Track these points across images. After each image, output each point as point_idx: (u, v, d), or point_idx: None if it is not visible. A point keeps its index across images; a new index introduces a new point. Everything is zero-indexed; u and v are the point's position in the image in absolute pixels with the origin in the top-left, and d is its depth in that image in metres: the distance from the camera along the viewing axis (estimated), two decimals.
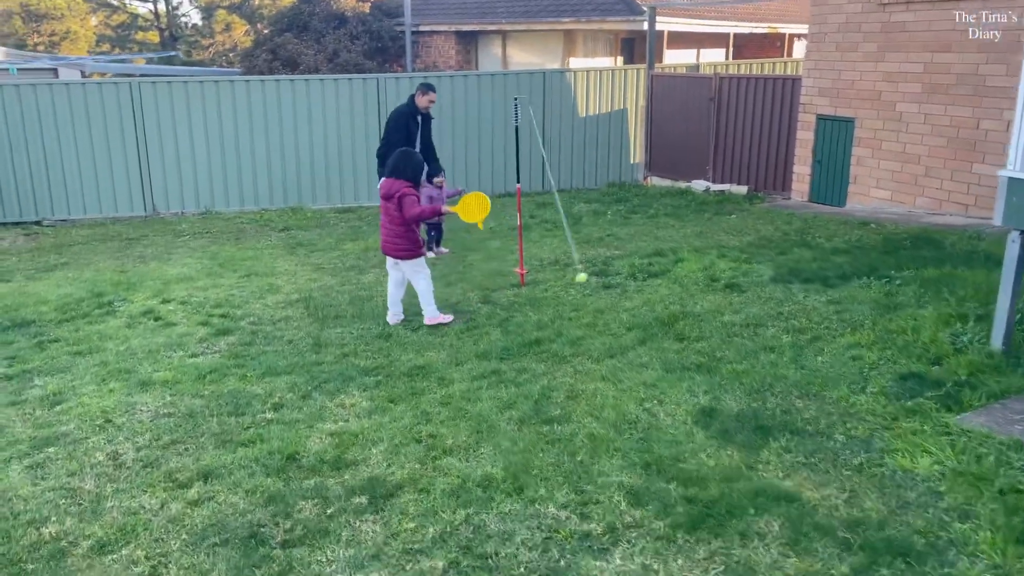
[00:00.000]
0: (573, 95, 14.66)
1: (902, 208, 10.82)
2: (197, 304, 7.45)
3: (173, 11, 43.24)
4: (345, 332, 6.40)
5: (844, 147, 11.61)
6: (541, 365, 5.41)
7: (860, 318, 5.92)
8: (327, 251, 9.88)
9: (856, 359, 5.12)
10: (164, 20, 42.70)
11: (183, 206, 13.29)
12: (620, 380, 5.04)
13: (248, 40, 32.22)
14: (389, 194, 6.37)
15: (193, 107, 13.01)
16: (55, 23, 41.70)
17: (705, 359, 5.34)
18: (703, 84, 13.73)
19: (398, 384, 5.18)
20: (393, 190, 6.33)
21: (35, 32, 41.13)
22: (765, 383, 4.86)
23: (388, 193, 6.39)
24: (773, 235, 9.45)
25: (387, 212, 6.44)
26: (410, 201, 6.29)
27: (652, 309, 6.59)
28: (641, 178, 15.14)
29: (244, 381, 5.36)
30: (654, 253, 8.65)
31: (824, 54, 11.68)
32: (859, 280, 6.97)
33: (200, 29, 45.08)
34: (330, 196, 13.85)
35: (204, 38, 44.55)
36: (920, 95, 10.45)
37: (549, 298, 7.14)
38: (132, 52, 41.39)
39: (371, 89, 13.68)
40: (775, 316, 6.18)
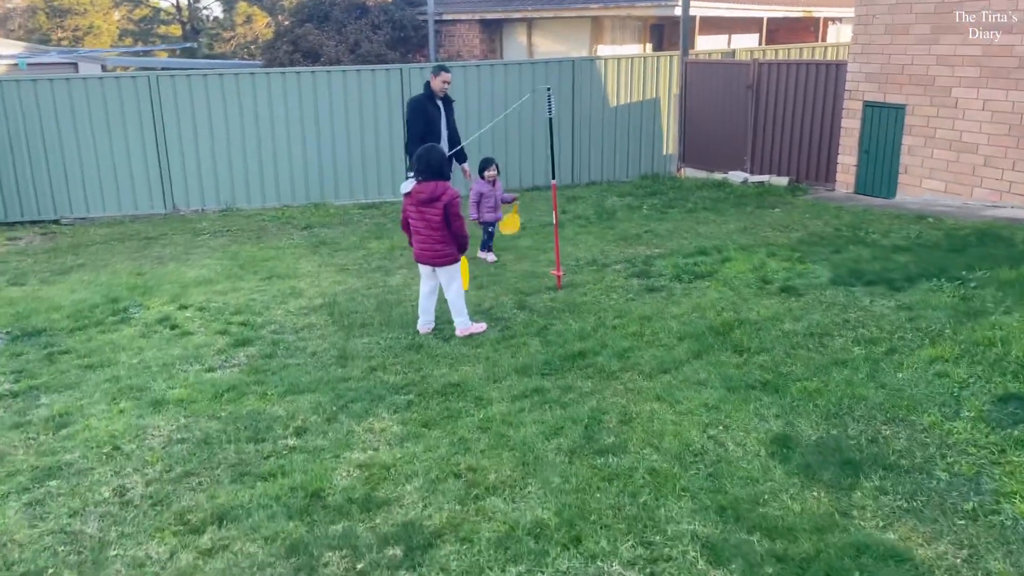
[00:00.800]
0: (603, 84, 14.09)
1: (957, 200, 10.17)
2: (216, 310, 7.04)
3: (194, 4, 43.10)
4: (372, 342, 5.95)
5: (893, 136, 10.96)
6: (588, 382, 4.93)
7: (937, 327, 5.36)
8: (351, 250, 9.44)
9: (942, 376, 4.58)
10: (186, 13, 42.57)
11: (203, 203, 12.92)
12: (678, 400, 4.54)
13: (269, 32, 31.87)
14: (433, 197, 5.69)
15: (213, 101, 12.62)
16: (78, 18, 41.71)
17: (770, 375, 4.82)
18: (740, 70, 13.11)
19: (431, 404, 4.72)
20: (437, 193, 5.69)
21: (59, 27, 41.16)
22: (843, 405, 4.34)
23: (432, 196, 5.70)
24: (823, 231, 8.87)
25: (424, 217, 5.80)
26: (457, 210, 5.75)
27: (703, 316, 6.07)
28: (675, 170, 14.55)
29: (264, 400, 4.93)
30: (697, 251, 8.12)
31: (872, 37, 11.03)
32: (928, 282, 6.40)
33: (221, 22, 44.92)
34: (353, 191, 13.42)
35: (225, 31, 44.38)
36: (978, 79, 9.78)
37: (589, 303, 6.64)
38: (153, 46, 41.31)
39: (395, 80, 13.21)
40: (841, 324, 5.64)
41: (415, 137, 8.31)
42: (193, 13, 43.16)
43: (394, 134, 13.34)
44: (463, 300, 6.11)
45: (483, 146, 13.60)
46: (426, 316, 6.22)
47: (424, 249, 5.95)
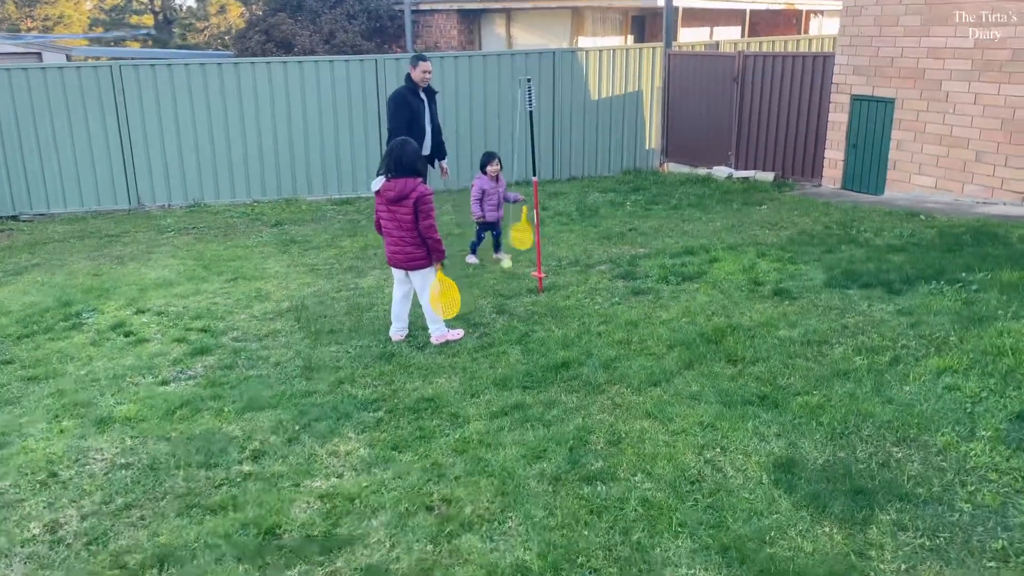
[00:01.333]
0: (585, 76, 13.72)
1: (948, 196, 9.92)
2: (175, 315, 6.60)
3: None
4: (341, 351, 5.55)
5: (882, 130, 10.70)
6: (572, 396, 4.56)
7: (942, 334, 5.05)
8: (322, 249, 9.01)
9: (952, 390, 4.27)
10: (158, 3, 41.64)
11: (170, 198, 12.41)
12: (670, 418, 4.19)
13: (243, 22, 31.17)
14: (402, 195, 5.27)
15: (179, 92, 12.09)
16: (48, 7, 40.69)
17: (768, 388, 4.48)
18: (725, 63, 12.78)
19: (403, 423, 4.33)
20: (407, 191, 5.26)
21: (28, 17, 40.11)
22: (848, 423, 4.01)
23: (401, 195, 5.28)
24: (813, 229, 8.57)
25: (395, 217, 5.37)
26: (428, 209, 5.31)
27: (693, 321, 5.73)
28: (658, 164, 14.23)
29: (220, 418, 4.52)
30: (684, 251, 7.78)
31: (860, 28, 10.74)
32: (927, 285, 6.10)
33: (195, 11, 44.02)
34: (327, 187, 12.96)
35: (198, 21, 43.50)
36: (970, 72, 9.53)
37: (572, 307, 6.27)
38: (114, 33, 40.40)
39: (369, 71, 12.75)
40: (839, 331, 5.32)
41: (399, 133, 7.83)
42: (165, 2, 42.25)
43: (369, 127, 12.89)
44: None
45: (460, 140, 13.19)
46: (399, 323, 5.82)
47: (395, 251, 5.54)
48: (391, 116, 8.00)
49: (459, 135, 13.24)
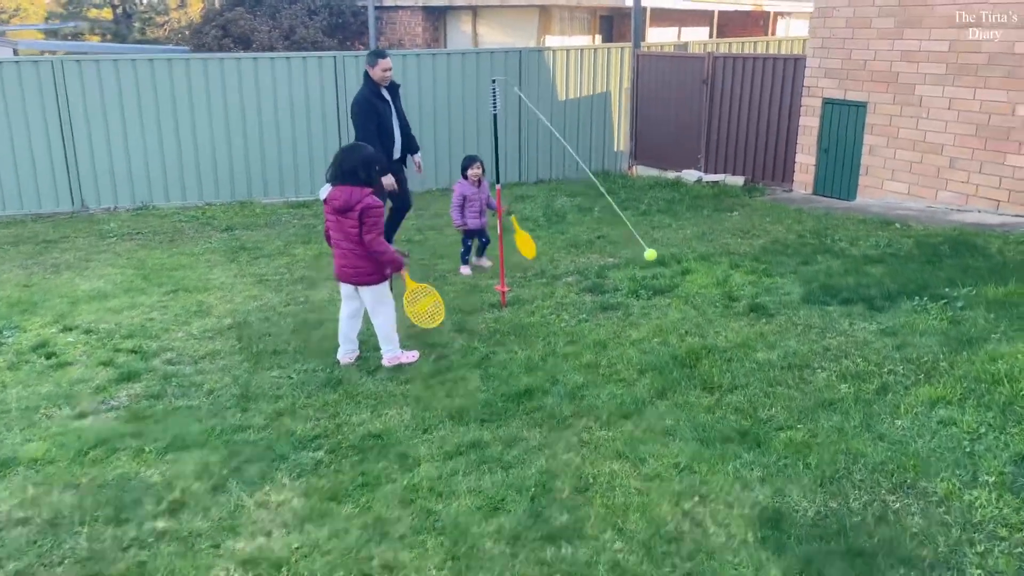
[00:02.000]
0: (552, 76, 13.32)
1: (921, 203, 9.69)
2: (105, 334, 6.05)
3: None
4: (283, 377, 5.06)
5: (854, 134, 10.44)
6: (535, 432, 4.14)
7: (930, 358, 4.72)
8: (274, 257, 8.48)
9: (947, 424, 3.92)
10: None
11: (116, 201, 11.76)
12: (643, 458, 3.78)
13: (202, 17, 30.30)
14: (347, 206, 4.83)
15: (125, 89, 11.44)
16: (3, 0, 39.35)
17: (748, 421, 4.10)
18: (695, 64, 12.46)
19: (345, 466, 3.87)
20: (352, 201, 4.82)
21: None
22: (838, 464, 3.63)
23: (346, 205, 4.83)
24: (787, 237, 8.25)
25: (342, 228, 4.92)
26: (375, 221, 4.85)
27: (665, 341, 5.34)
28: (626, 168, 13.87)
29: (139, 460, 4.02)
30: (655, 261, 7.38)
31: (832, 31, 10.47)
32: (910, 301, 5.78)
33: (154, 6, 42.87)
34: (283, 188, 12.40)
35: (158, 15, 42.38)
36: (944, 77, 9.29)
37: (537, 324, 5.85)
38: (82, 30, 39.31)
39: (328, 68, 12.22)
40: (821, 353, 4.97)
41: (370, 141, 7.16)
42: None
43: (328, 126, 12.36)
44: (393, 325, 5.25)
45: (423, 141, 12.71)
46: (347, 344, 5.35)
47: (343, 265, 5.07)
48: (359, 126, 7.37)
49: (422, 136, 12.73)
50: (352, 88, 12.28)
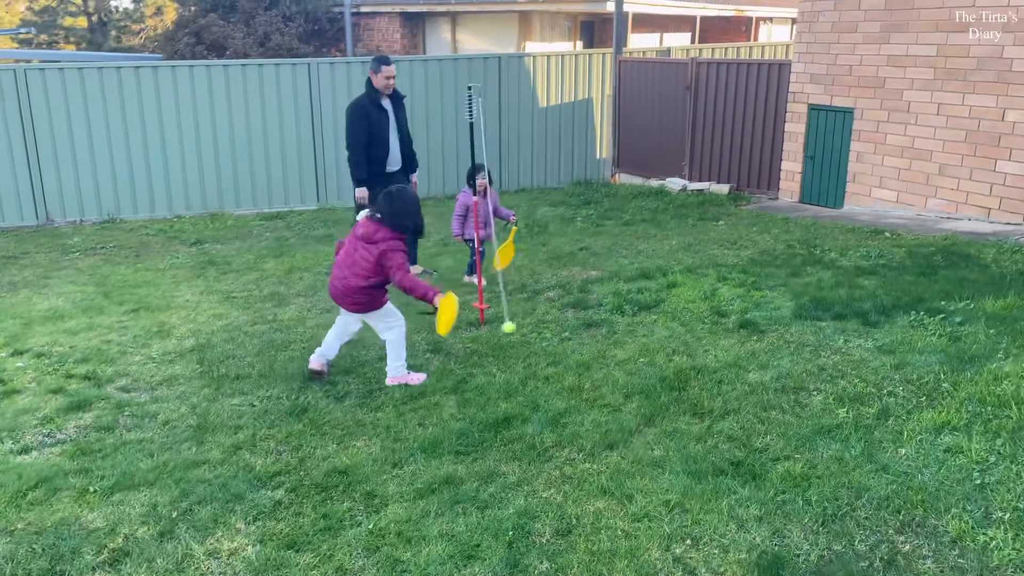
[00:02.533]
0: (532, 83, 13.06)
1: (910, 211, 9.49)
2: (58, 357, 5.69)
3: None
4: (244, 404, 4.73)
5: (841, 141, 10.25)
6: (514, 465, 3.83)
7: (931, 378, 4.47)
8: (243, 272, 8.14)
9: (954, 453, 3.66)
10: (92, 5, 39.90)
11: (82, 213, 11.36)
12: (630, 495, 3.49)
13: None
14: (368, 238, 4.79)
15: (91, 98, 11.07)
16: None
17: (742, 452, 3.82)
18: (678, 70, 12.25)
19: (306, 507, 3.55)
20: (376, 237, 4.77)
21: None
22: (841, 500, 3.36)
23: (367, 237, 4.80)
24: (775, 248, 8.01)
25: (354, 256, 4.83)
26: (399, 262, 4.75)
27: (652, 362, 5.06)
28: (609, 176, 13.63)
29: (82, 502, 3.67)
30: (640, 274, 7.14)
31: (817, 36, 10.28)
32: (906, 315, 5.54)
33: (130, 13, 42.33)
34: (256, 199, 12.05)
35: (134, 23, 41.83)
36: (932, 82, 9.11)
37: (517, 344, 5.56)
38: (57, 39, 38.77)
39: (302, 76, 11.90)
40: (816, 374, 4.70)
41: (355, 147, 7.00)
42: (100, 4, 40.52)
43: (302, 135, 12.03)
44: (403, 344, 5.03)
45: None
46: (324, 348, 5.14)
47: (336, 285, 4.92)
48: (347, 130, 7.08)
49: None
50: (326, 95, 11.97)
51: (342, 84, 12.01)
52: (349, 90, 12.02)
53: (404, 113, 7.40)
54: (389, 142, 7.19)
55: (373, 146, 7.08)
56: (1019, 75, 8.28)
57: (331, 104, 12.01)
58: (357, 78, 12.04)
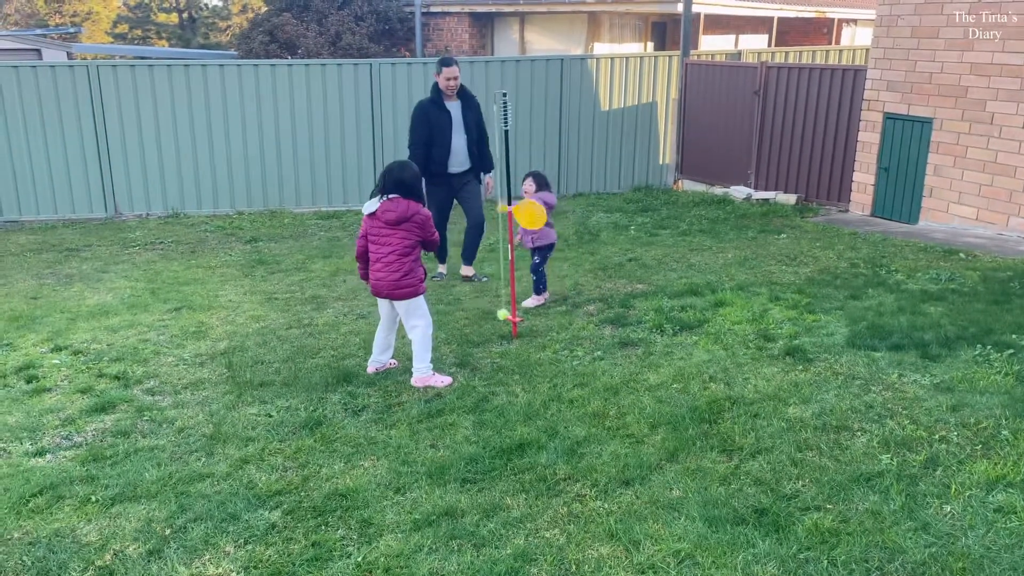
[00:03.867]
0: (595, 85, 12.77)
1: (990, 230, 8.86)
2: (94, 355, 5.76)
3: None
4: (261, 414, 4.66)
5: (918, 153, 9.65)
6: (520, 499, 3.63)
7: (991, 424, 4.06)
8: (290, 272, 8.15)
9: (1006, 513, 3.28)
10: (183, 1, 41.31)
11: (148, 207, 11.65)
12: (637, 542, 3.24)
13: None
14: (404, 217, 4.87)
15: (160, 94, 11.33)
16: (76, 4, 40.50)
17: (768, 499, 3.52)
18: (746, 74, 11.78)
19: (298, 532, 3.42)
20: (410, 212, 4.88)
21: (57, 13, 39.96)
22: (871, 563, 3.04)
23: (403, 217, 4.87)
24: (837, 266, 7.57)
25: (390, 241, 4.92)
26: (432, 229, 5.03)
27: (686, 389, 4.77)
28: (671, 182, 13.24)
29: (81, 512, 3.64)
30: (687, 290, 6.82)
31: (896, 40, 9.71)
32: (971, 349, 5.09)
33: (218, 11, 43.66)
34: (315, 198, 12.13)
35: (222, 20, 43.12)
36: (1018, 92, 8.47)
37: (546, 362, 5.34)
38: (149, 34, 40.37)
39: (363, 76, 11.92)
40: (862, 411, 4.34)
41: (414, 147, 7.04)
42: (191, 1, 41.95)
43: (362, 134, 12.06)
44: (429, 344, 5.04)
45: None
46: (377, 353, 5.26)
47: (381, 278, 4.98)
48: (410, 130, 7.16)
49: None
50: (387, 96, 11.96)
51: (402, 84, 11.98)
52: (409, 90, 11.99)
53: (474, 113, 7.32)
54: (451, 143, 7.14)
55: (434, 146, 7.08)
56: None
57: (391, 104, 12.00)
58: (418, 78, 12.00)
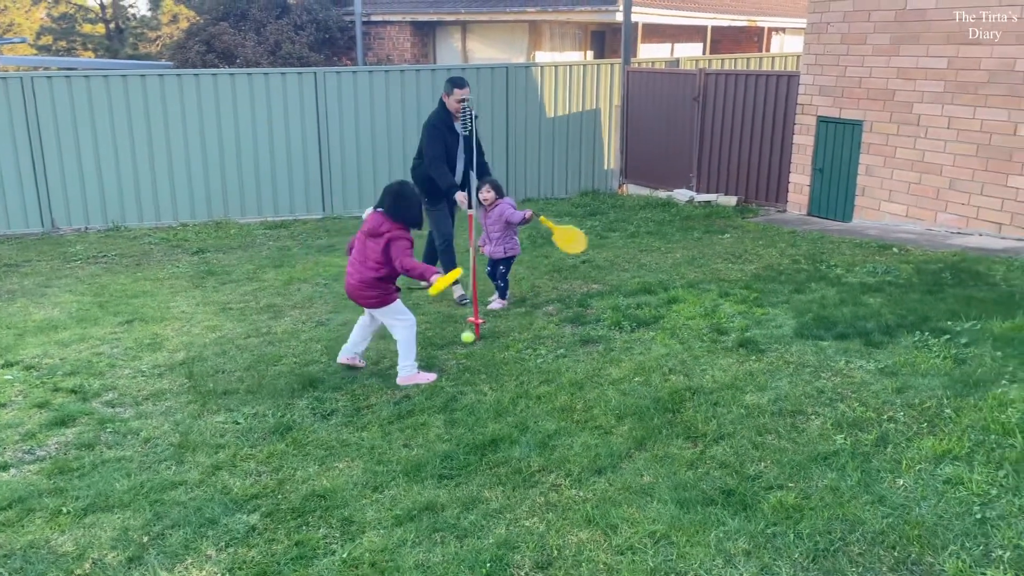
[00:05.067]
0: (540, 93, 12.98)
1: (920, 226, 9.32)
2: (47, 370, 5.63)
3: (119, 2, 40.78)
4: (228, 421, 4.65)
5: (850, 154, 10.10)
6: (497, 491, 3.72)
7: (933, 403, 4.32)
8: (241, 283, 8.08)
9: (954, 484, 3.51)
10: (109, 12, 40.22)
11: (87, 221, 11.37)
12: (614, 525, 3.37)
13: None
14: (375, 232, 5.12)
15: (97, 105, 11.09)
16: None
17: (734, 479, 3.69)
18: (686, 81, 12.13)
19: (280, 533, 3.45)
20: (382, 229, 5.10)
21: None
22: (834, 534, 3.22)
23: (375, 231, 5.12)
24: (780, 262, 7.87)
25: (362, 249, 5.17)
26: (402, 248, 5.09)
27: (648, 381, 4.94)
28: (616, 186, 13.52)
29: (54, 524, 3.59)
30: (641, 289, 7.02)
31: (827, 47, 10.15)
32: (910, 335, 5.39)
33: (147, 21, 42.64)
34: (261, 208, 12.02)
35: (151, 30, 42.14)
36: (943, 95, 8.95)
37: (511, 361, 5.45)
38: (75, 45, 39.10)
39: (308, 85, 11.87)
40: (815, 396, 4.57)
41: (436, 162, 6.72)
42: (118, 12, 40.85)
43: (308, 145, 12.00)
44: (413, 342, 5.19)
45: (407, 160, 12.35)
46: (350, 344, 5.44)
47: (351, 281, 5.20)
48: (427, 143, 6.80)
49: (406, 153, 12.40)
50: (332, 105, 11.93)
51: (348, 93, 11.98)
52: (355, 99, 12.00)
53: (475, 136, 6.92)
54: (456, 163, 6.90)
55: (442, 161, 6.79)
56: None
57: (337, 113, 11.98)
58: (364, 87, 12.02)
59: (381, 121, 12.21)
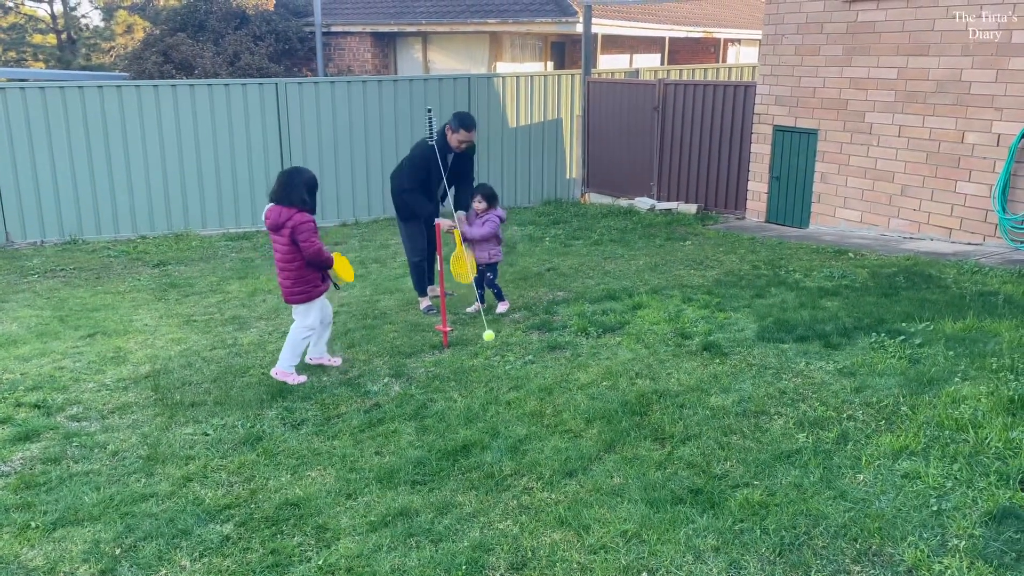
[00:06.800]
0: (502, 103, 13.09)
1: (874, 231, 9.60)
2: (8, 385, 5.54)
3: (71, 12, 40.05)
4: (198, 433, 4.62)
5: (806, 162, 10.36)
6: (471, 495, 3.77)
7: (890, 401, 4.47)
8: (205, 295, 8.01)
9: (911, 479, 3.65)
10: (61, 22, 39.50)
11: (43, 234, 11.17)
12: (587, 526, 3.44)
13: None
14: (277, 225, 5.13)
15: (53, 118, 10.91)
16: None
17: (701, 479, 3.79)
18: (646, 91, 12.34)
19: (254, 542, 3.45)
20: (282, 220, 5.11)
21: None
22: (798, 529, 3.33)
23: (275, 224, 5.14)
24: (740, 268, 8.05)
25: (277, 248, 5.23)
26: (306, 232, 5.04)
27: (615, 386, 5.02)
28: (579, 195, 13.67)
29: (23, 538, 3.55)
30: (606, 295, 7.12)
31: (781, 58, 10.41)
32: (867, 337, 5.56)
33: (100, 31, 41.95)
34: (223, 219, 11.92)
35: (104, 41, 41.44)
36: (893, 104, 9.25)
37: (480, 368, 5.50)
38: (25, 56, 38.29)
39: (270, 95, 11.83)
40: (777, 397, 4.69)
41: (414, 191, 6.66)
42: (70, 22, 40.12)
43: (269, 156, 11.94)
44: (302, 344, 5.34)
45: (370, 168, 12.36)
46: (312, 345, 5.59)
47: (282, 284, 5.32)
48: (408, 171, 6.71)
49: (369, 163, 12.42)
50: (294, 115, 11.90)
51: (310, 103, 11.96)
52: (318, 110, 11.98)
53: (468, 163, 7.05)
54: (436, 191, 6.84)
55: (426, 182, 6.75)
56: (977, 98, 8.43)
57: (299, 124, 11.95)
58: (325, 97, 12.00)
59: (343, 131, 12.20)
